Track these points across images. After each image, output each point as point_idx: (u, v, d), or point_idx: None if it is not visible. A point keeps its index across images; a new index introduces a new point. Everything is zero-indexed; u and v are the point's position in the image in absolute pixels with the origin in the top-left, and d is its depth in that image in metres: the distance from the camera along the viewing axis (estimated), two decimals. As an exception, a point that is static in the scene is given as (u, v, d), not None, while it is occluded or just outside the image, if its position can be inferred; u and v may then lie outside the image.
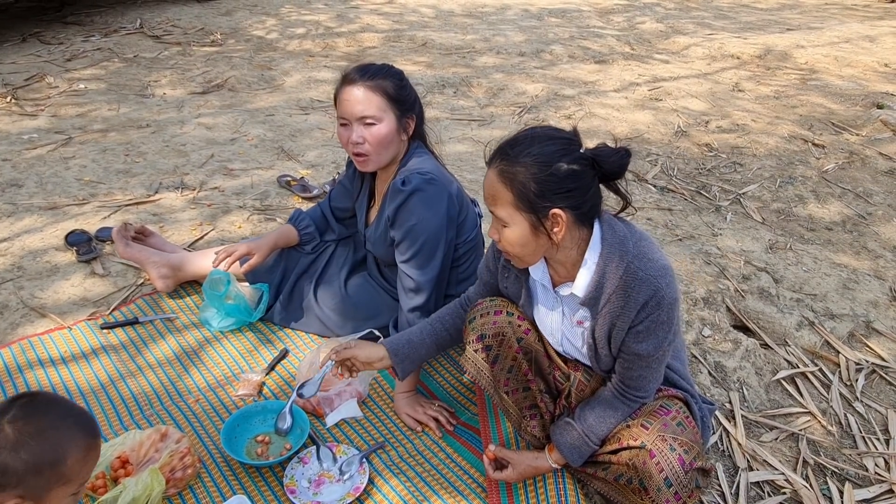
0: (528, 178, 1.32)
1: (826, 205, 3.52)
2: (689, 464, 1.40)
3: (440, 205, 1.88)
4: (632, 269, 1.36)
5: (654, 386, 1.49)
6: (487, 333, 1.61)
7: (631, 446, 1.44)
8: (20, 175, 3.20)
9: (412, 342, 1.72)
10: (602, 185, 1.40)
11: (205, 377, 2.08)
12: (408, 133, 1.93)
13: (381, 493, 1.71)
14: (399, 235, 1.91)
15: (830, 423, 2.15)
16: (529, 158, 1.33)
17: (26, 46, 5.35)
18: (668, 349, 1.44)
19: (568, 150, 1.33)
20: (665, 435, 1.41)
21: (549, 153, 1.33)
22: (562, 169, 1.32)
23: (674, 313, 1.39)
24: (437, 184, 1.88)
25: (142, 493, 1.52)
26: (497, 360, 1.63)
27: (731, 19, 7.74)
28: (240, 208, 3.02)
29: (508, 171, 1.34)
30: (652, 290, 1.35)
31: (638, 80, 5.31)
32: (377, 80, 1.85)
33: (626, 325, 1.39)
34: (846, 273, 2.90)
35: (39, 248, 2.63)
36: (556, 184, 1.32)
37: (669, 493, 1.40)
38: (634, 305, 1.37)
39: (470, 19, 7.08)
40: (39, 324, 2.26)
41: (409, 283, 1.92)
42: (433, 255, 1.90)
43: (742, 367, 2.32)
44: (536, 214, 1.34)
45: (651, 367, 1.45)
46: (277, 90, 4.70)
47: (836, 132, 4.44)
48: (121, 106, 4.19)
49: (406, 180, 1.87)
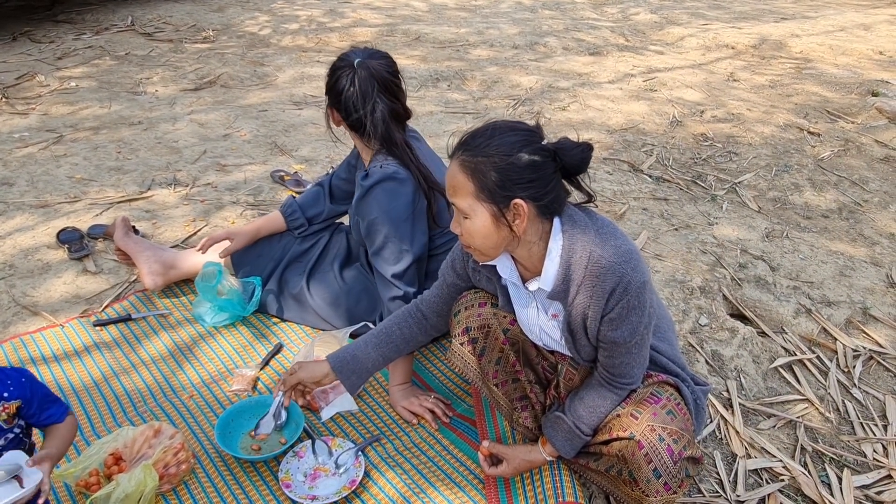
0: (489, 168, 1.31)
1: (822, 193, 3.51)
2: (678, 454, 1.39)
3: (402, 196, 1.86)
4: (595, 258, 1.35)
5: (639, 371, 1.48)
6: (473, 326, 1.60)
7: (621, 437, 1.43)
8: (11, 174, 3.17)
9: (356, 357, 1.69)
10: (564, 180, 1.38)
11: (199, 373, 2.07)
12: (344, 127, 1.95)
13: (378, 486, 1.70)
14: (364, 229, 1.91)
15: (828, 410, 2.14)
16: (491, 149, 1.31)
17: (17, 45, 5.31)
18: (647, 333, 1.43)
19: (529, 142, 1.32)
20: (654, 425, 1.40)
21: (510, 143, 1.31)
22: (522, 159, 1.30)
23: (644, 296, 1.37)
24: (400, 176, 1.86)
25: (135, 490, 1.51)
26: (484, 352, 1.62)
27: (724, 9, 7.72)
28: (233, 204, 3.01)
29: (470, 162, 1.33)
30: (617, 276, 1.33)
31: (633, 71, 5.29)
32: (328, 74, 1.91)
33: (598, 315, 1.38)
34: (842, 260, 2.89)
35: (31, 246, 2.61)
36: (517, 173, 1.31)
37: (659, 483, 1.39)
38: (602, 294, 1.35)
39: (463, 13, 7.05)
40: (31, 322, 2.24)
41: (380, 276, 1.91)
42: (400, 246, 1.88)
43: (739, 356, 2.31)
44: (498, 205, 1.33)
45: (631, 352, 1.43)
46: (270, 86, 4.67)
47: (832, 120, 4.43)
48: (112, 104, 4.16)
49: (368, 174, 1.87)
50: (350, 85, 1.84)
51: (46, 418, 1.33)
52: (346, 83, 1.85)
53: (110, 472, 1.64)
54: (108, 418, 1.88)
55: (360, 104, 1.85)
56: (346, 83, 1.85)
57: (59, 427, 1.36)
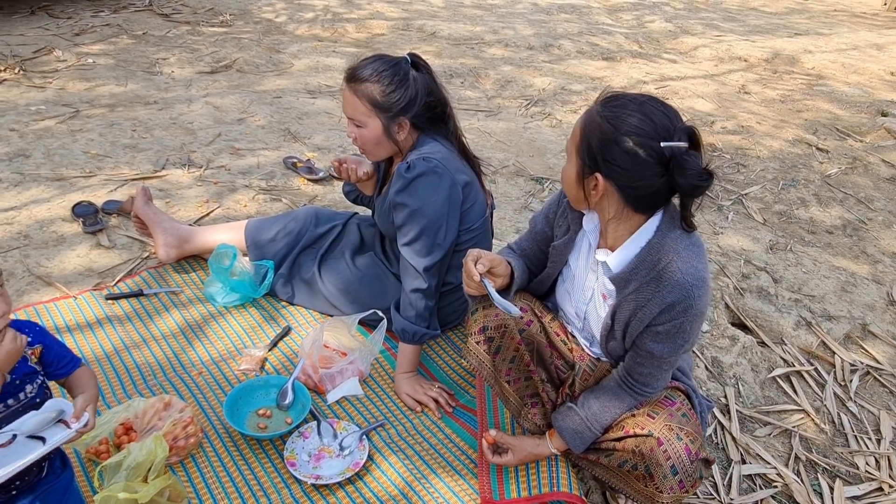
0: (600, 132, 1.30)
1: (827, 208, 3.54)
2: (694, 453, 1.41)
3: (442, 191, 1.88)
4: (671, 267, 1.33)
5: (661, 384, 1.49)
6: (490, 325, 1.61)
7: (637, 434, 1.45)
8: (28, 145, 3.20)
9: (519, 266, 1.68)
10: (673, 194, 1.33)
11: (208, 351, 2.10)
12: (402, 133, 1.92)
13: (380, 469, 1.74)
14: (400, 219, 1.92)
15: (823, 422, 2.18)
16: (618, 119, 1.28)
17: (35, 19, 5.33)
18: (682, 355, 1.45)
19: (652, 135, 1.26)
20: (671, 424, 1.43)
21: (634, 124, 1.27)
22: (626, 144, 1.27)
23: (696, 325, 1.37)
24: (441, 170, 1.89)
25: (145, 459, 1.54)
26: (499, 350, 1.63)
27: (739, 22, 7.75)
28: (245, 187, 3.04)
29: (595, 118, 1.31)
30: (682, 295, 1.32)
31: (645, 78, 5.32)
32: (365, 84, 1.84)
33: (646, 319, 1.38)
34: (845, 276, 2.93)
35: (46, 219, 2.65)
36: (612, 153, 1.29)
37: (674, 480, 1.41)
38: (660, 303, 1.35)
39: (479, 11, 7.08)
40: (45, 292, 2.28)
41: (410, 266, 1.93)
42: (434, 240, 1.91)
43: (738, 364, 2.34)
44: (584, 167, 1.34)
45: (662, 368, 1.45)
46: (285, 73, 4.70)
47: (841, 138, 4.46)
48: (128, 82, 4.18)
49: (411, 165, 1.88)
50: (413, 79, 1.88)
51: (65, 366, 1.35)
52: (409, 76, 1.87)
53: (120, 441, 1.67)
54: (119, 390, 1.92)
55: (424, 93, 1.89)
56: (409, 76, 1.87)
57: (81, 374, 1.36)
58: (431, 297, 1.96)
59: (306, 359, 1.96)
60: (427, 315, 1.95)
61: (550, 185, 3.45)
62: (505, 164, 3.61)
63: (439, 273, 1.99)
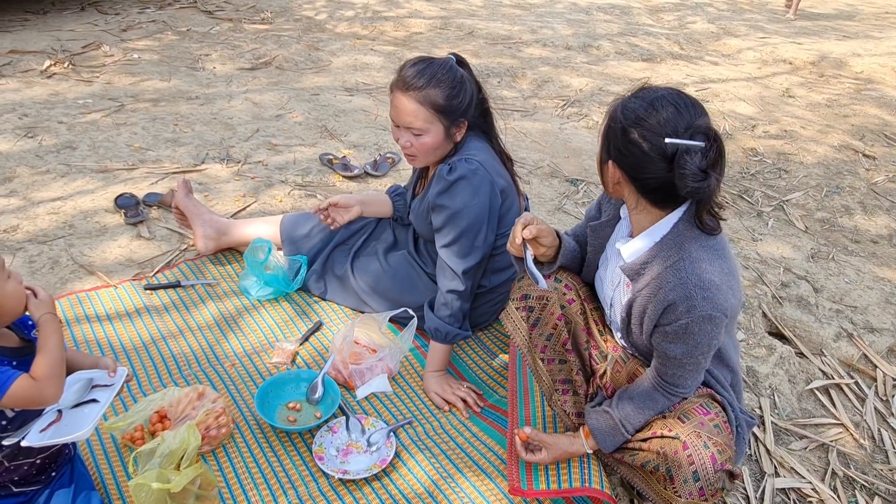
0: (622, 123, 1.33)
1: (873, 217, 3.43)
2: (720, 464, 1.38)
3: (483, 194, 1.88)
4: (678, 267, 1.34)
5: (692, 383, 1.47)
6: (532, 294, 1.61)
7: (664, 435, 1.43)
8: (75, 138, 3.30)
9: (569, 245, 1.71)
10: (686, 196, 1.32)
11: (241, 343, 2.14)
12: (459, 134, 1.93)
13: (407, 466, 1.75)
14: (440, 221, 1.92)
15: (863, 437, 2.11)
16: (642, 110, 1.30)
17: (84, 15, 5.49)
18: (703, 359, 1.42)
19: (657, 131, 1.28)
20: (700, 432, 1.40)
21: (649, 118, 1.29)
22: (632, 135, 1.31)
23: (705, 328, 1.34)
24: (482, 173, 1.89)
25: (179, 447, 1.58)
26: (538, 323, 1.63)
27: (785, 23, 7.56)
28: (282, 183, 3.08)
29: (622, 111, 1.35)
30: (684, 294, 1.32)
31: (686, 80, 5.23)
32: (427, 89, 1.82)
33: (654, 316, 1.39)
34: (889, 287, 2.83)
35: (90, 209, 2.72)
36: (622, 142, 1.33)
37: (695, 486, 1.39)
38: (661, 301, 1.36)
39: (518, 10, 7.05)
40: (87, 280, 2.35)
41: (447, 268, 1.93)
42: (473, 243, 1.91)
43: (775, 374, 2.29)
44: (604, 153, 1.41)
45: (686, 368, 1.43)
46: (324, 71, 4.75)
47: (889, 144, 4.32)
48: (172, 77, 4.28)
49: (452, 168, 1.88)
50: (466, 79, 1.90)
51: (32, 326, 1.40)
52: (463, 77, 1.88)
53: (154, 428, 1.71)
54: (155, 378, 1.96)
55: (476, 92, 1.93)
56: (463, 77, 1.88)
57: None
58: (467, 300, 1.96)
59: (337, 354, 1.98)
60: (461, 316, 1.96)
61: (585, 186, 3.41)
62: (539, 165, 3.59)
63: (476, 276, 1.99)
